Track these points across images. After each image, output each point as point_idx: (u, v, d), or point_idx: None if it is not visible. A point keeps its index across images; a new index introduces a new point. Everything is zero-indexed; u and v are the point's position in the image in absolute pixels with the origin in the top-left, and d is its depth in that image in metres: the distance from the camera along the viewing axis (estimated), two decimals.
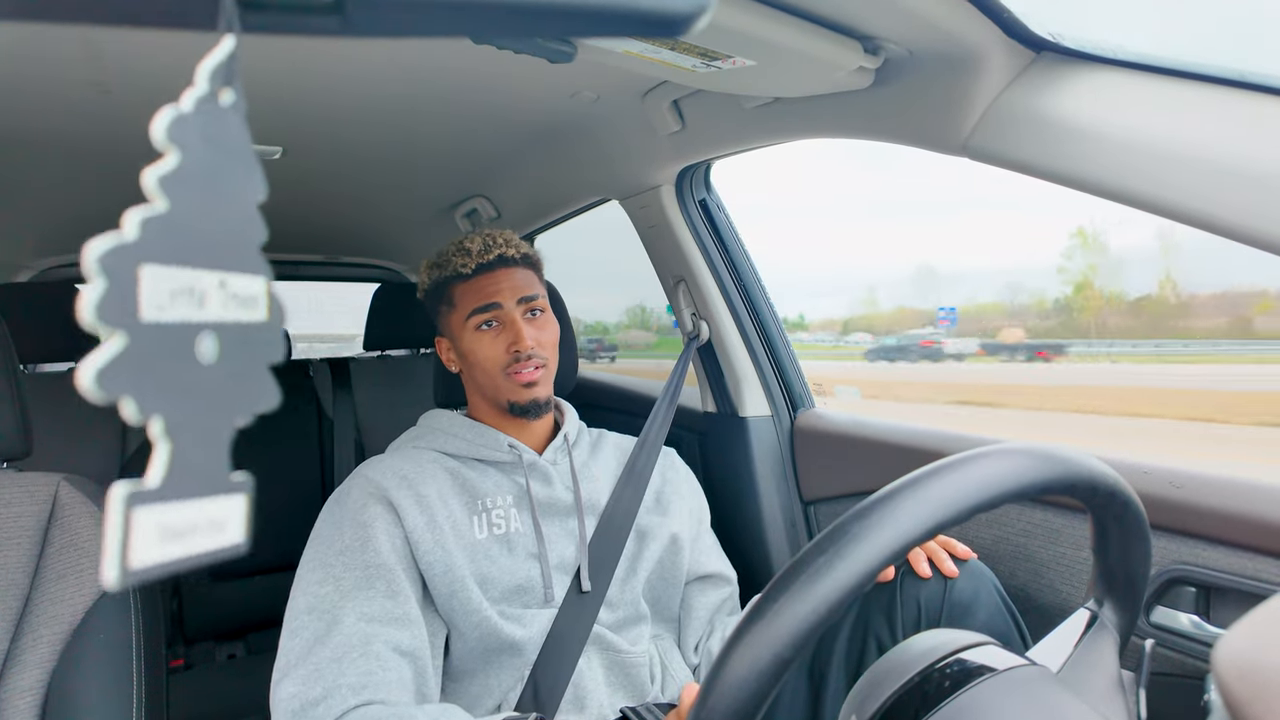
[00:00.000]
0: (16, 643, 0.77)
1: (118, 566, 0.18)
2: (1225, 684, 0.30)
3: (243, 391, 0.22)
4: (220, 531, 0.21)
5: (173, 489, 0.20)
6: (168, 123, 0.20)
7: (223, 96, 0.21)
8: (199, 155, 0.21)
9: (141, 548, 0.19)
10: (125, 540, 0.18)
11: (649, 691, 0.99)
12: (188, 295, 0.20)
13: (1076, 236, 14.53)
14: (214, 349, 0.21)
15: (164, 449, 0.20)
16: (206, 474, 0.21)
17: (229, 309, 0.21)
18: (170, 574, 0.20)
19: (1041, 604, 0.96)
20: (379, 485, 0.93)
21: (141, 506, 0.19)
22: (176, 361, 0.20)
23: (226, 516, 0.21)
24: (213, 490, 0.21)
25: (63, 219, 1.78)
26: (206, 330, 0.21)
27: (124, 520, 0.19)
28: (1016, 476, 0.43)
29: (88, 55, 0.92)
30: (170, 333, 0.20)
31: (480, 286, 1.01)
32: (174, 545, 0.20)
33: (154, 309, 0.19)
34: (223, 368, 0.21)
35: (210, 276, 0.21)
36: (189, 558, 0.20)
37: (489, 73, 1.04)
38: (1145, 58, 0.67)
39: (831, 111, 0.92)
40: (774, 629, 0.37)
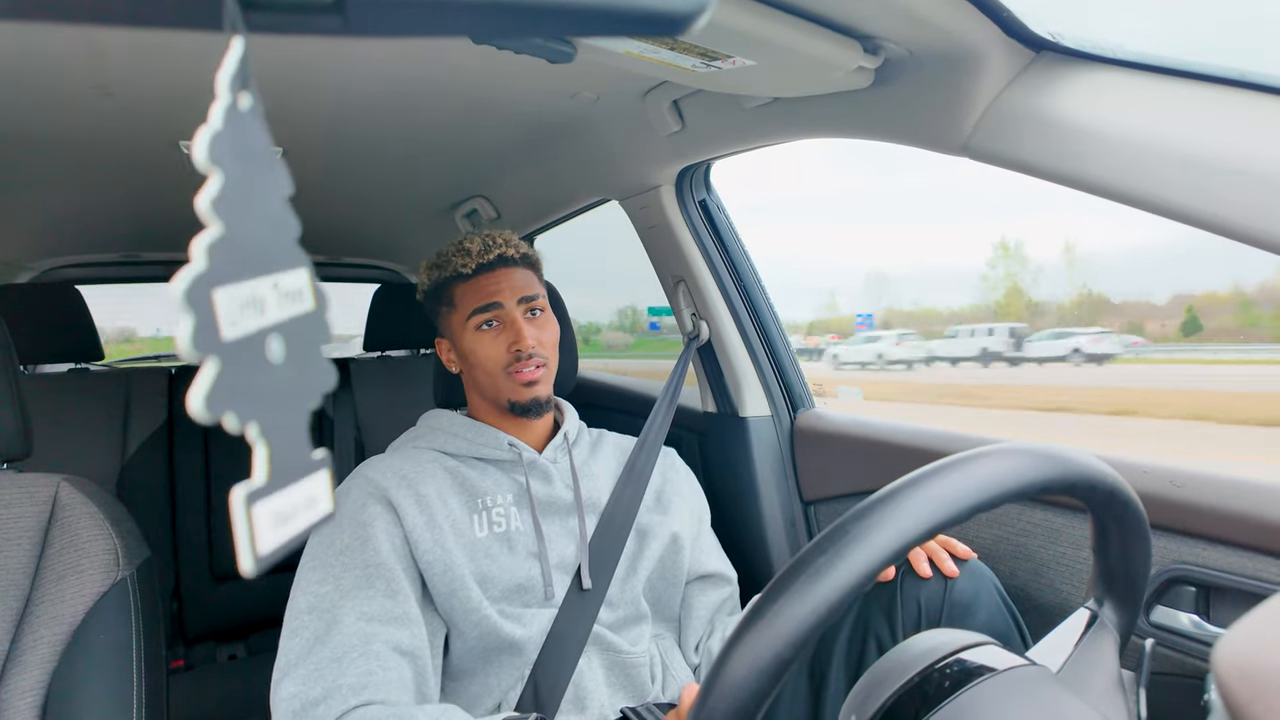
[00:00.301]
0: (17, 643, 0.77)
1: (251, 557, 0.21)
2: (1225, 684, 0.30)
3: (309, 379, 0.24)
4: (314, 507, 0.24)
5: (276, 481, 0.22)
6: (207, 145, 0.21)
7: (242, 101, 0.22)
8: (235, 170, 0.22)
9: (264, 536, 0.21)
10: (252, 535, 0.21)
11: (649, 691, 0.99)
12: (252, 305, 0.22)
13: (1000, 248, 15.92)
14: (281, 348, 0.23)
15: (263, 449, 0.22)
16: (295, 460, 0.23)
17: (284, 307, 0.23)
18: (288, 553, 0.22)
19: (1042, 604, 0.96)
20: (378, 485, 0.93)
21: (258, 503, 0.21)
22: (256, 369, 0.22)
23: (316, 493, 0.24)
24: (303, 473, 0.23)
25: (63, 220, 1.78)
26: (272, 333, 0.22)
27: (247, 518, 0.21)
28: (1016, 476, 0.43)
29: (89, 55, 0.92)
30: (246, 345, 0.22)
31: (480, 287, 1.01)
32: (285, 528, 0.22)
33: (230, 327, 0.21)
34: (290, 362, 0.23)
35: (265, 282, 0.22)
36: (297, 535, 0.23)
37: (489, 73, 1.04)
38: (1145, 57, 0.67)
39: (831, 111, 0.92)
40: (774, 629, 0.37)
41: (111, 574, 0.81)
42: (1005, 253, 16.02)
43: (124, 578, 0.82)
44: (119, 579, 0.81)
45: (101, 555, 0.81)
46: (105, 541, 0.82)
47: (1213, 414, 9.24)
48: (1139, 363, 13.99)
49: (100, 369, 1.97)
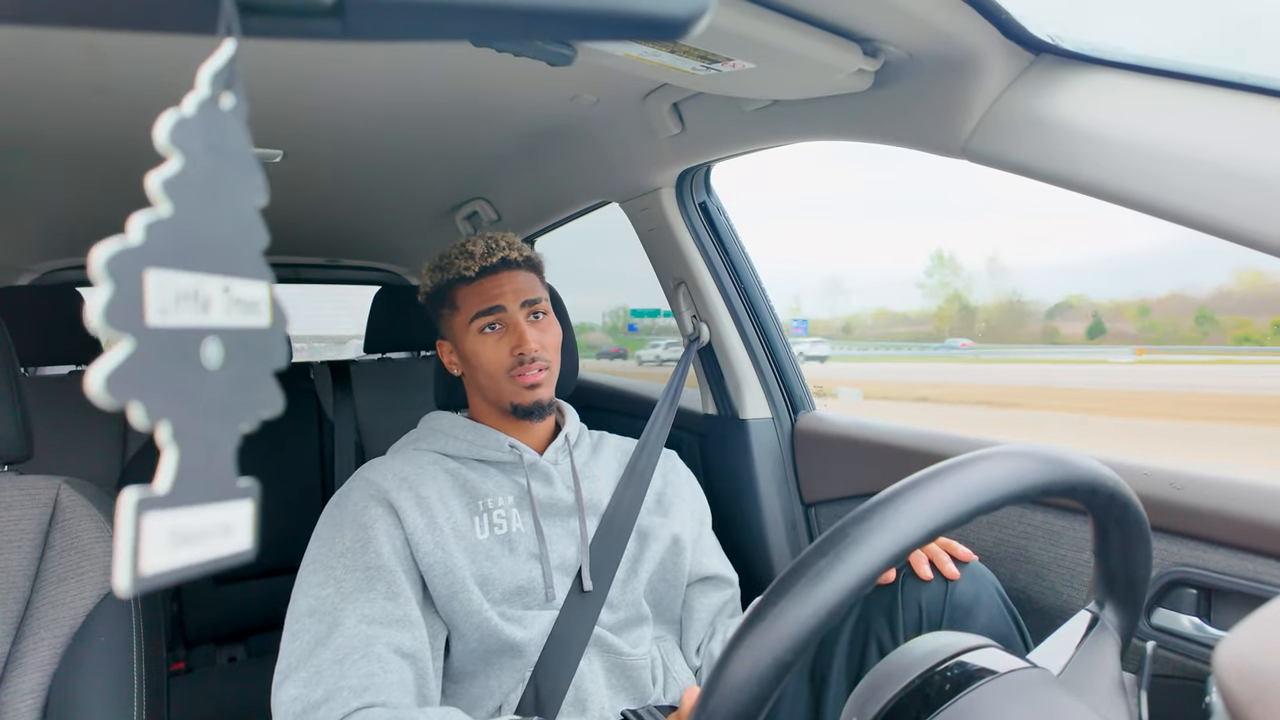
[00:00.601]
0: (17, 646, 0.77)
1: (129, 573, 0.18)
2: (1226, 686, 0.30)
3: (248, 397, 0.22)
4: (228, 537, 0.21)
5: (181, 495, 0.20)
6: (170, 126, 0.20)
7: (224, 100, 0.22)
8: (201, 159, 0.21)
9: (153, 554, 0.19)
10: (136, 546, 0.19)
11: (650, 694, 0.99)
12: (192, 300, 0.20)
13: (935, 258, 17.21)
14: (219, 354, 0.21)
15: (172, 455, 0.20)
16: (214, 480, 0.21)
17: (233, 314, 0.21)
18: (180, 580, 0.20)
19: (1043, 606, 0.95)
20: (379, 487, 0.93)
21: (152, 512, 0.19)
22: (182, 367, 0.20)
23: (234, 522, 0.21)
24: (220, 496, 0.21)
25: (64, 222, 1.78)
26: (211, 335, 0.21)
27: (135, 526, 0.19)
28: (1017, 479, 0.43)
29: (89, 58, 0.92)
30: (175, 338, 0.20)
31: (483, 289, 1.01)
32: (184, 551, 0.20)
33: (159, 314, 0.19)
34: (227, 373, 0.21)
35: (214, 281, 0.21)
36: (199, 564, 0.20)
37: (489, 76, 1.04)
38: (1144, 60, 0.67)
39: (831, 114, 0.92)
40: (774, 632, 0.37)
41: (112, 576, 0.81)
42: (940, 262, 17.42)
43: None
44: None
45: (102, 558, 0.81)
46: (106, 544, 0.82)
47: (938, 396, 11.12)
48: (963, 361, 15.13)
49: None
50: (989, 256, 33.70)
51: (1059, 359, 14.59)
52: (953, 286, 15.80)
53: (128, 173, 1.40)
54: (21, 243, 1.92)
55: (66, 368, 1.89)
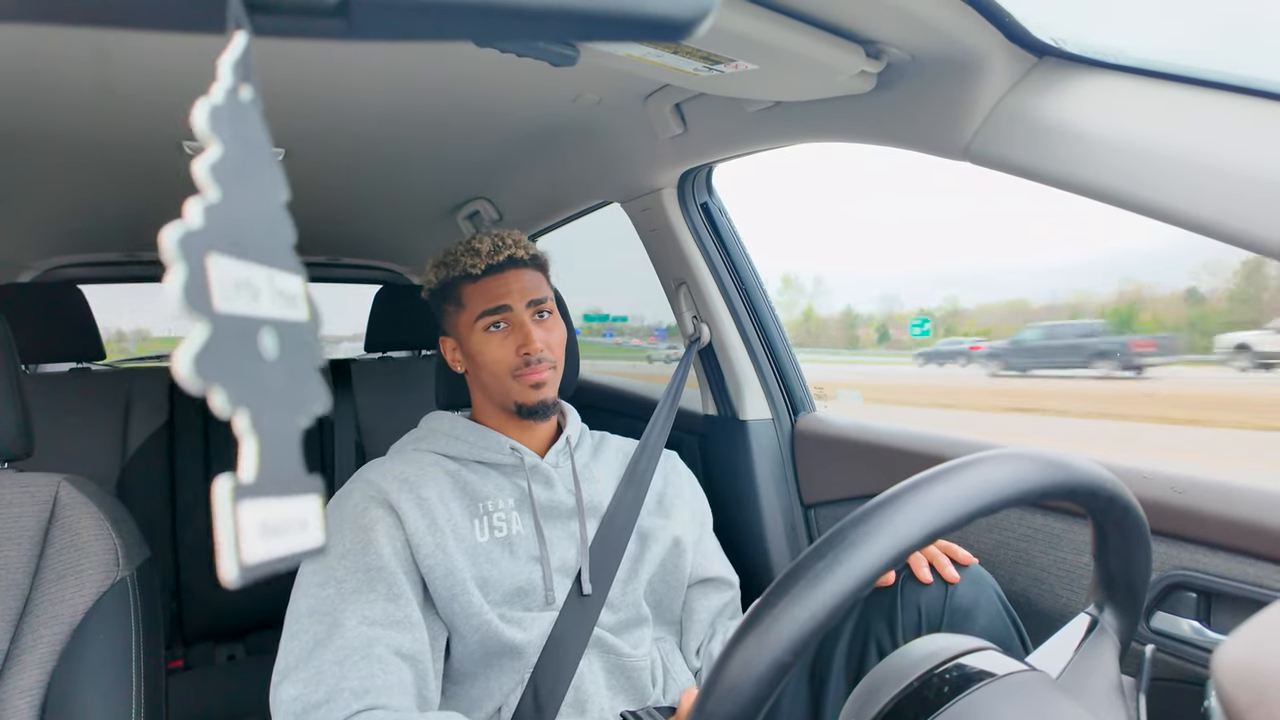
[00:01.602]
0: (16, 643, 0.77)
1: (234, 562, 0.18)
2: (1225, 690, 0.30)
3: (301, 389, 0.22)
4: (304, 530, 0.21)
5: (265, 485, 0.20)
6: (207, 114, 0.20)
7: (243, 92, 0.21)
8: (234, 148, 0.21)
9: (251, 544, 0.19)
10: (237, 536, 0.19)
11: (650, 695, 0.99)
12: (247, 288, 0.20)
13: (783, 279, 20.30)
14: (275, 344, 0.21)
15: (252, 444, 0.20)
16: (286, 471, 0.21)
17: (279, 306, 0.21)
18: (273, 573, 0.20)
19: (1042, 609, 0.95)
20: (380, 488, 0.93)
21: (245, 501, 0.19)
22: (248, 355, 0.20)
23: (307, 515, 0.21)
24: (294, 489, 0.21)
25: (66, 219, 1.78)
26: (266, 325, 0.21)
27: (233, 514, 0.19)
28: (1017, 481, 0.43)
29: (93, 56, 0.92)
30: (240, 325, 0.20)
31: (490, 288, 1.01)
32: (274, 542, 0.20)
33: (224, 299, 0.19)
34: (283, 365, 0.21)
35: (261, 271, 0.21)
36: (287, 556, 0.20)
37: (491, 76, 1.04)
38: (1147, 63, 0.67)
39: (833, 116, 0.92)
40: (772, 634, 0.37)
41: (111, 574, 0.81)
42: (786, 284, 20.29)
43: (124, 578, 0.82)
44: (119, 579, 0.81)
45: (102, 555, 0.81)
46: (105, 541, 0.82)
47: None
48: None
49: (101, 369, 1.97)
50: (816, 276, 40.58)
51: (826, 360, 16.46)
52: (798, 304, 18.74)
53: (130, 170, 1.40)
54: (23, 240, 1.92)
55: (67, 365, 1.90)
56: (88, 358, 1.86)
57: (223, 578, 0.18)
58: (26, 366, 1.88)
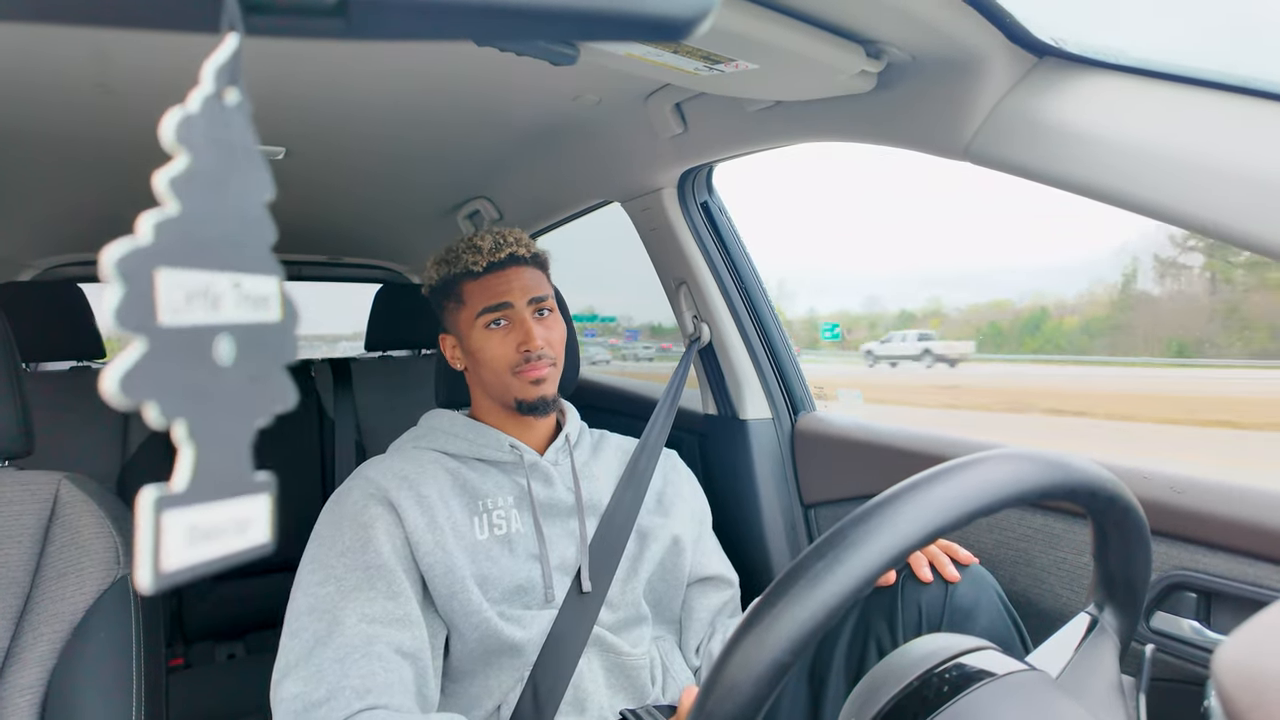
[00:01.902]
0: (17, 641, 0.77)
1: (150, 570, 0.18)
2: (1225, 690, 0.30)
3: (261, 392, 0.22)
4: (246, 532, 0.21)
5: (199, 491, 0.20)
6: (175, 124, 0.20)
7: (228, 96, 0.21)
8: (207, 156, 0.21)
9: (173, 551, 0.19)
10: (157, 544, 0.19)
11: (649, 693, 0.99)
12: (203, 297, 0.20)
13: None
14: (231, 351, 0.21)
15: (188, 452, 0.20)
16: (230, 475, 0.21)
17: (244, 310, 0.21)
18: (200, 576, 0.20)
19: (1042, 609, 0.95)
20: (380, 486, 0.93)
21: (170, 510, 0.19)
22: (196, 364, 0.20)
23: (251, 516, 0.21)
24: (237, 491, 0.21)
25: (66, 218, 1.78)
26: (223, 332, 0.21)
27: (155, 524, 0.19)
28: (1017, 481, 0.43)
29: (92, 55, 0.92)
30: (188, 336, 0.20)
31: (491, 285, 1.01)
32: (203, 547, 0.20)
33: (171, 312, 0.19)
34: (241, 369, 0.21)
35: (224, 278, 0.21)
36: (218, 559, 0.20)
37: (491, 75, 1.04)
38: (1148, 63, 0.67)
39: (834, 115, 0.92)
40: (773, 633, 0.37)
41: (112, 572, 0.81)
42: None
43: (124, 576, 0.82)
44: (119, 577, 0.81)
45: (102, 553, 0.81)
46: (106, 540, 0.82)
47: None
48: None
49: (101, 367, 1.97)
50: (779, 279, 42.24)
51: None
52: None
53: (130, 169, 1.40)
54: (23, 238, 1.92)
55: (68, 363, 1.90)
56: (88, 356, 1.86)
57: (138, 585, 0.19)
58: (27, 365, 1.88)
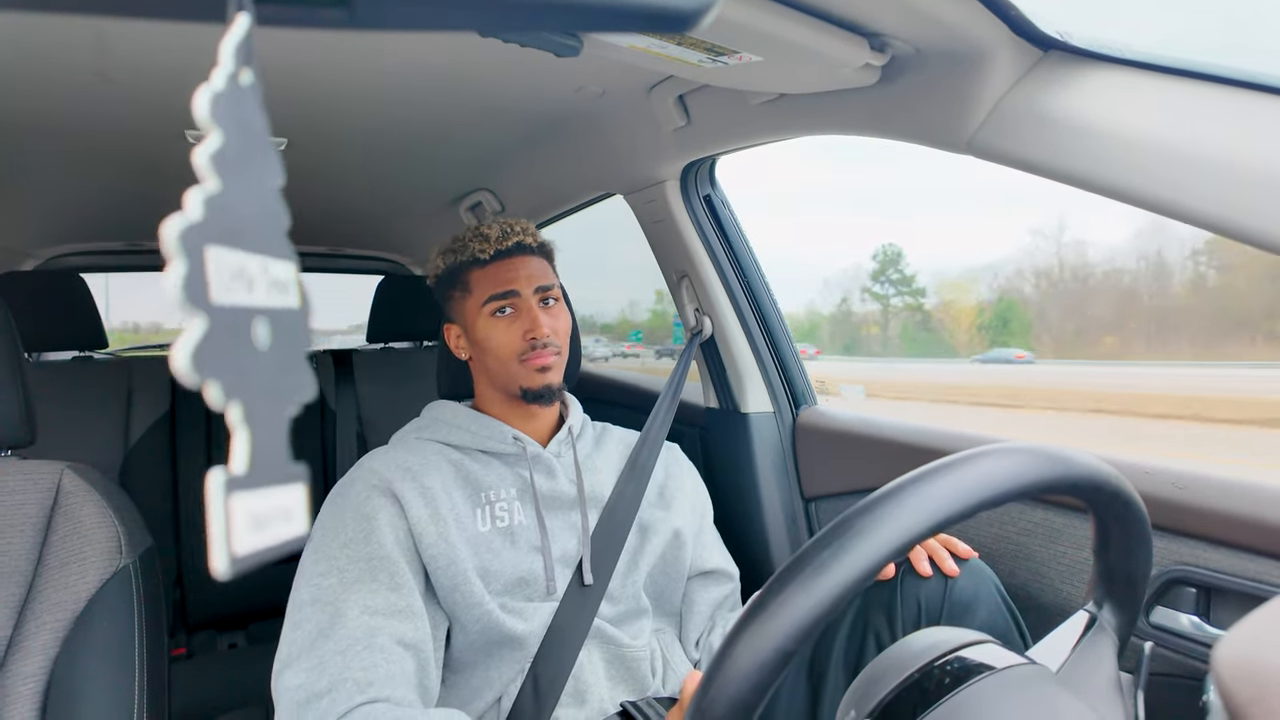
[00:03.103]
0: (19, 629, 0.77)
1: (225, 554, 0.19)
2: (1225, 685, 0.30)
3: (290, 379, 0.22)
4: (289, 520, 0.21)
5: (256, 476, 0.20)
6: (209, 100, 0.20)
7: (243, 76, 0.21)
8: (235, 135, 0.20)
9: (241, 536, 0.19)
10: (229, 529, 0.19)
11: (650, 685, 0.99)
12: (243, 279, 0.20)
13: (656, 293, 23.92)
14: (268, 335, 0.21)
15: (244, 436, 0.20)
16: (276, 462, 0.21)
17: (272, 294, 0.21)
18: (260, 564, 0.20)
19: (1042, 603, 0.96)
20: (382, 477, 0.93)
21: (236, 493, 0.19)
22: (243, 346, 0.20)
23: (292, 505, 0.21)
24: (283, 479, 0.21)
25: (68, 207, 1.78)
26: (259, 315, 0.21)
27: (225, 508, 0.19)
28: (1019, 475, 0.43)
29: (94, 43, 0.92)
30: (235, 316, 0.20)
31: (498, 273, 1.01)
32: (262, 534, 0.20)
33: (221, 291, 0.19)
34: (274, 354, 0.21)
35: (255, 260, 0.21)
36: (272, 547, 0.20)
37: (495, 66, 1.04)
38: (1154, 57, 0.66)
39: (837, 108, 0.92)
40: (777, 621, 0.38)
41: (114, 561, 0.81)
42: (659, 296, 23.52)
43: (126, 565, 0.82)
44: (121, 566, 0.82)
45: (104, 543, 0.81)
46: (108, 529, 0.82)
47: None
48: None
49: (104, 357, 1.97)
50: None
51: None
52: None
53: (132, 158, 1.40)
54: (25, 228, 1.92)
55: (70, 353, 1.90)
56: (90, 346, 1.86)
57: (214, 570, 0.19)
58: (29, 354, 1.89)
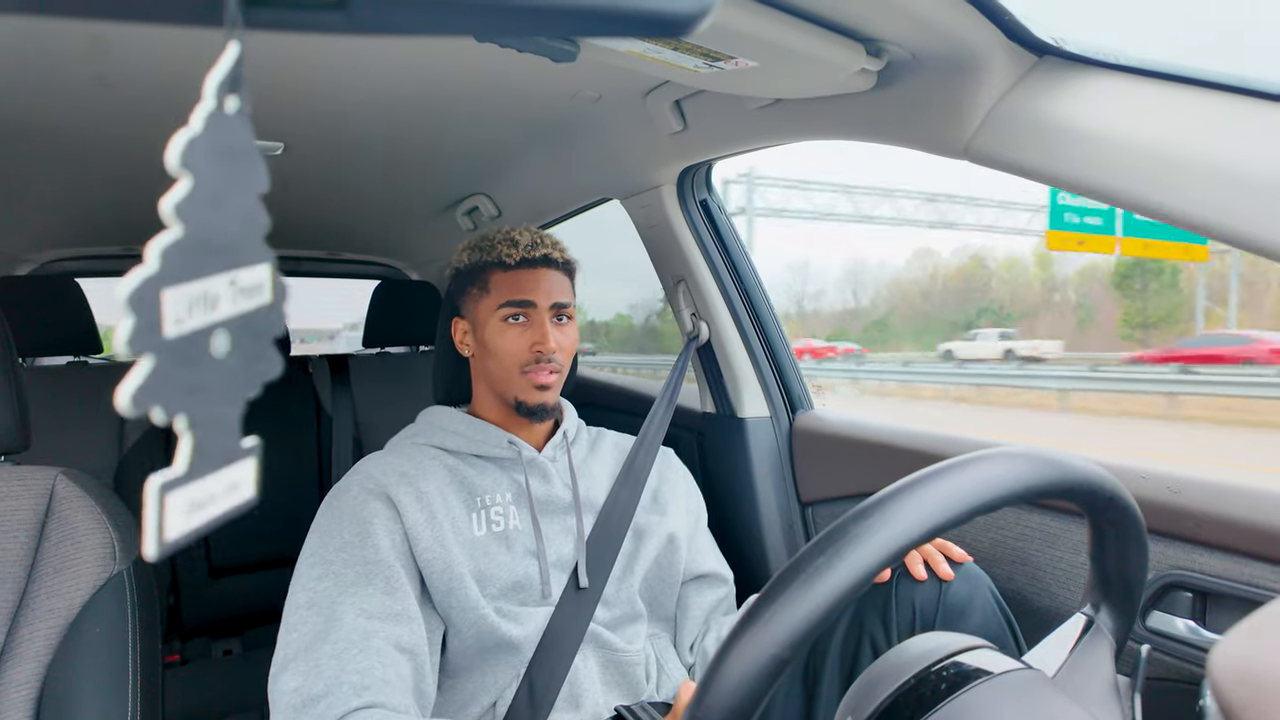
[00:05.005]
0: (12, 636, 0.77)
1: (155, 541, 0.21)
2: (1221, 689, 0.30)
3: (252, 369, 0.23)
4: (235, 492, 0.23)
5: (197, 470, 0.22)
6: (181, 149, 0.21)
7: (229, 104, 0.22)
8: (209, 173, 0.22)
9: (173, 523, 0.21)
10: (161, 522, 0.21)
11: (644, 690, 0.99)
12: (202, 302, 0.22)
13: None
14: (227, 344, 0.22)
15: (188, 441, 0.21)
16: (224, 449, 0.23)
17: (238, 302, 0.23)
18: (197, 537, 0.22)
19: (1038, 608, 0.96)
20: (379, 481, 0.93)
21: (172, 492, 0.21)
22: (195, 364, 0.21)
23: (240, 479, 0.23)
24: (229, 461, 0.23)
25: (63, 212, 1.78)
26: (220, 328, 0.22)
27: (159, 506, 0.21)
28: (1014, 480, 0.43)
29: (90, 48, 0.92)
30: (189, 341, 0.21)
31: (519, 280, 1.01)
32: (199, 514, 0.22)
33: (174, 325, 0.21)
34: (234, 357, 0.23)
35: (221, 279, 0.22)
36: (212, 521, 0.22)
37: (491, 71, 1.04)
38: (1148, 63, 0.67)
39: (833, 113, 0.92)
40: (770, 630, 0.38)
41: (108, 567, 0.81)
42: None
43: (120, 571, 0.81)
44: (115, 573, 0.81)
45: (98, 549, 0.81)
46: (102, 535, 0.82)
47: None
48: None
49: (99, 362, 1.97)
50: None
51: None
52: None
53: (128, 163, 1.40)
54: (20, 232, 1.92)
55: (64, 358, 1.89)
56: (85, 351, 1.85)
57: (144, 553, 0.21)
58: (23, 359, 1.88)
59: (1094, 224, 12.06)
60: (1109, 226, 12.21)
